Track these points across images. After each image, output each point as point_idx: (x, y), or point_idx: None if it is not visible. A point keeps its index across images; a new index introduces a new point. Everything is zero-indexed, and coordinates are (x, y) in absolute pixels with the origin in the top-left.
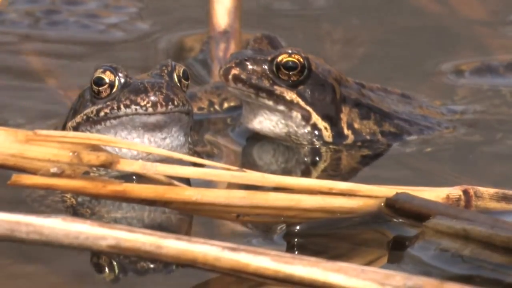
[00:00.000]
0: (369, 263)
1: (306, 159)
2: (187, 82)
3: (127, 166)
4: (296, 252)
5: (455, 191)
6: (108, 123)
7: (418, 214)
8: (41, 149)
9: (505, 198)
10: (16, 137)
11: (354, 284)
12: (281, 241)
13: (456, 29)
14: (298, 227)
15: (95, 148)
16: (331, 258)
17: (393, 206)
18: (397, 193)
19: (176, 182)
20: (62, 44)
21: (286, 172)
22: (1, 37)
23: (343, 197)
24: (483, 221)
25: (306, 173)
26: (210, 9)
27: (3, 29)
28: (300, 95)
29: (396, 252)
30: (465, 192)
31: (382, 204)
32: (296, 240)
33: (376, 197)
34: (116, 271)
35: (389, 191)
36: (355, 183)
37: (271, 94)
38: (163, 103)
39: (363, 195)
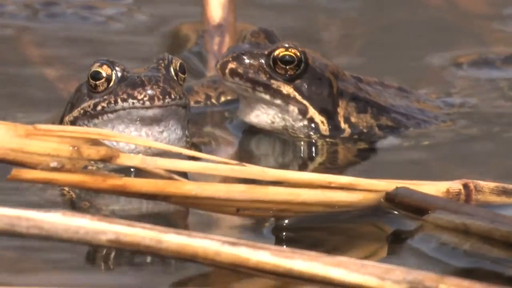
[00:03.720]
0: (369, 257)
1: (303, 152)
2: (184, 76)
3: (127, 160)
4: (294, 246)
5: (455, 185)
6: (105, 117)
7: (418, 208)
8: (41, 144)
9: (505, 192)
10: (16, 132)
11: (354, 278)
12: (280, 235)
13: (454, 21)
14: (297, 221)
15: (95, 142)
16: (330, 252)
17: (393, 200)
18: (397, 187)
19: (176, 176)
20: (61, 36)
21: (284, 165)
22: (0, 29)
23: (343, 191)
24: (483, 215)
25: (303, 167)
26: (204, 3)
27: (1, 21)
28: (297, 89)
29: (396, 246)
30: (465, 186)
31: (382, 198)
32: (294, 234)
33: (376, 191)
34: (116, 265)
35: (389, 185)
36: (355, 177)
37: (268, 88)
38: (160, 97)
39: (363, 189)
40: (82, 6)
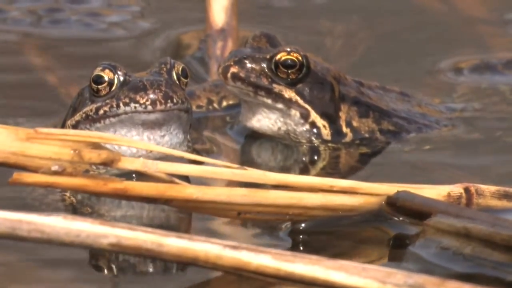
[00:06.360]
0: (370, 261)
1: (304, 157)
2: (186, 80)
3: (128, 164)
4: (297, 250)
5: (457, 189)
6: (107, 121)
7: (419, 212)
8: (42, 147)
9: (506, 196)
10: (17, 135)
11: (355, 282)
12: (282, 238)
13: (456, 26)
14: (299, 225)
15: (96, 146)
16: (332, 256)
17: (394, 204)
18: (398, 191)
19: (177, 180)
20: (64, 43)
21: (285, 170)
22: (3, 35)
23: (344, 195)
24: (484, 219)
25: (305, 171)
26: (207, 7)
27: (5, 27)
28: (298, 93)
29: (397, 250)
30: (467, 190)
31: (383, 202)
32: (297, 238)
33: (377, 195)
34: (117, 269)
35: (390, 189)
36: (356, 181)
37: (269, 92)
38: (162, 101)
39: (364, 193)
40: (86, 13)
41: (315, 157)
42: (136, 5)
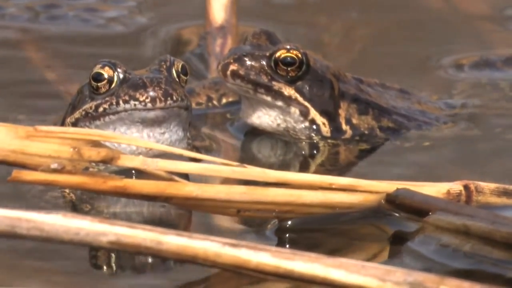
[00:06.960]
0: (370, 259)
1: (304, 154)
2: (185, 78)
3: (128, 161)
4: (295, 248)
5: (456, 186)
6: (107, 118)
7: (419, 209)
8: (42, 145)
9: (505, 193)
10: (17, 133)
11: (355, 280)
12: (281, 236)
13: (455, 23)
14: (298, 222)
15: (96, 143)
16: (331, 253)
17: (393, 201)
18: (397, 189)
19: (176, 178)
20: (62, 39)
21: (285, 167)
22: (1, 32)
23: (343, 192)
24: (484, 216)
25: (304, 168)
26: (206, 4)
27: (2, 23)
28: (298, 90)
29: (396, 248)
30: (466, 187)
31: (383, 199)
32: (295, 235)
33: (377, 192)
34: (116, 267)
35: (389, 186)
36: (355, 178)
37: (269, 90)
38: (162, 99)
39: (364, 190)
40: (83, 9)
41: (315, 154)
42: (133, 0)
